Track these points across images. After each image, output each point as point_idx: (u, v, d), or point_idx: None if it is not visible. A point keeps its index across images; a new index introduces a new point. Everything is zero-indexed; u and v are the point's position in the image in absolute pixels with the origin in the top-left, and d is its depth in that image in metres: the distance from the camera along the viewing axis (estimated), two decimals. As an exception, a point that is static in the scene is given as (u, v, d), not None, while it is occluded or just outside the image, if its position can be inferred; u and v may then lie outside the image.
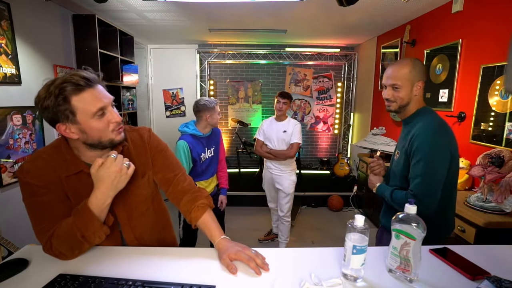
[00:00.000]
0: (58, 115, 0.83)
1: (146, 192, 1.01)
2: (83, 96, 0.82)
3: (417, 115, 1.29)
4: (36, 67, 2.32)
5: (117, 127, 0.89)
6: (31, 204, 0.87)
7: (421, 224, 0.80)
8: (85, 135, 0.85)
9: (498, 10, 1.96)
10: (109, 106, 0.87)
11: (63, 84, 0.81)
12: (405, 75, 1.26)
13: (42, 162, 0.88)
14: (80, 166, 0.90)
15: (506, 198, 1.60)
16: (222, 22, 3.21)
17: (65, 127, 0.84)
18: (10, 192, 2.08)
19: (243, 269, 0.89)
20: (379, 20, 3.05)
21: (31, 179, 0.85)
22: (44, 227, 0.86)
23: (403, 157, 1.26)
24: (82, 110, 0.82)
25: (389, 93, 1.29)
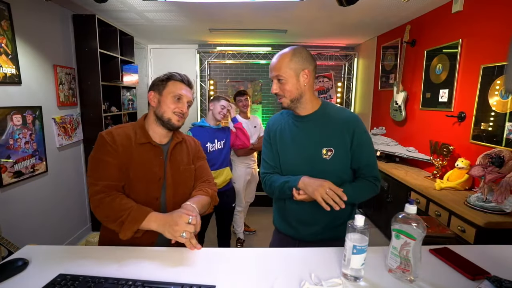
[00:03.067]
0: (156, 85, 1.15)
1: (189, 177, 1.24)
2: (176, 84, 1.15)
3: (326, 111, 1.20)
4: (36, 67, 2.32)
5: (178, 113, 1.13)
6: (97, 159, 1.06)
7: (421, 224, 0.80)
8: (159, 105, 1.13)
9: (498, 10, 1.96)
10: (185, 100, 1.15)
11: (174, 73, 1.17)
12: (287, 65, 1.13)
13: (122, 132, 1.12)
14: (148, 138, 1.14)
15: (506, 198, 1.60)
16: (222, 22, 3.21)
17: (152, 95, 1.15)
18: (10, 192, 2.08)
19: (243, 269, 0.89)
20: (379, 20, 3.05)
21: (109, 139, 1.07)
22: (96, 180, 1.04)
23: (340, 152, 1.15)
24: (169, 89, 1.13)
25: (276, 87, 1.17)
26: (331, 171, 1.16)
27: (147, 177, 1.11)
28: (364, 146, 1.18)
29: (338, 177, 1.16)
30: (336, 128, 1.17)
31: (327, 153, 1.17)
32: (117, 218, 0.98)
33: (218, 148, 2.18)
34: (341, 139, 1.16)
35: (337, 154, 1.16)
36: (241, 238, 2.91)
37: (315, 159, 1.17)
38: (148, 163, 1.11)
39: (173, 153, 1.19)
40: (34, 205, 2.31)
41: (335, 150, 1.16)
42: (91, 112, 2.88)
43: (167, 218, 0.98)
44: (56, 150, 2.56)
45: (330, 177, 1.11)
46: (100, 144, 1.08)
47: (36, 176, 2.31)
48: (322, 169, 1.16)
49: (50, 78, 2.48)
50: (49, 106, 2.47)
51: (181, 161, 1.22)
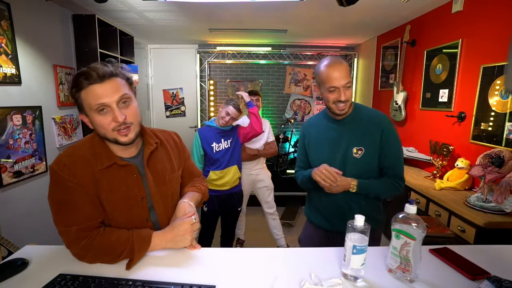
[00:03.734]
0: (76, 104, 0.87)
1: (177, 185, 1.09)
2: (89, 90, 0.83)
3: (359, 111, 1.30)
4: (36, 67, 2.32)
5: (118, 127, 0.86)
6: (59, 200, 0.87)
7: (421, 224, 0.80)
8: (95, 128, 0.89)
9: (498, 10, 1.96)
10: (113, 104, 0.84)
11: (78, 76, 0.84)
12: (349, 71, 1.24)
13: (79, 157, 0.89)
14: (113, 159, 0.91)
15: (506, 198, 1.60)
16: (222, 22, 3.21)
17: (82, 117, 0.89)
18: (10, 192, 2.08)
19: (243, 269, 0.89)
20: (379, 20, 3.05)
21: (67, 174, 0.85)
22: (67, 227, 0.86)
23: (370, 151, 1.24)
24: (86, 103, 0.85)
25: (348, 94, 1.21)
26: (360, 168, 1.26)
27: (127, 203, 0.93)
28: (392, 145, 1.25)
29: (367, 174, 1.26)
30: (367, 128, 1.25)
31: (357, 152, 1.25)
32: (118, 256, 0.87)
33: (225, 147, 2.17)
34: (371, 138, 1.24)
35: (367, 152, 1.24)
36: (241, 239, 2.91)
37: (347, 158, 1.27)
38: (123, 187, 0.92)
39: (150, 164, 0.98)
40: (34, 205, 2.31)
41: (365, 149, 1.24)
42: (91, 112, 2.88)
43: (171, 233, 0.94)
44: (56, 150, 2.56)
45: (359, 174, 1.25)
46: (56, 182, 0.86)
47: (36, 176, 2.31)
48: (353, 167, 1.26)
49: (50, 78, 2.48)
50: (49, 106, 2.47)
51: (165, 170, 1.02)
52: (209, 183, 2.12)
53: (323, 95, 1.26)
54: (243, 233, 2.89)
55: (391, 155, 1.26)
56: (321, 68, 1.24)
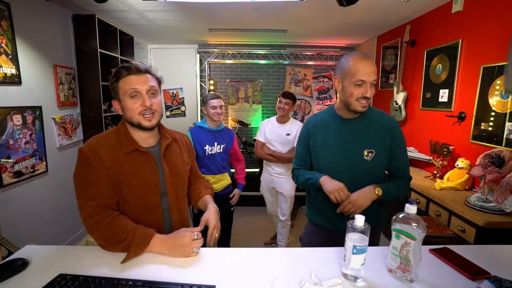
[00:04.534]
0: (113, 92, 1.03)
1: (186, 178, 1.22)
2: (127, 79, 1.00)
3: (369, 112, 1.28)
4: (36, 67, 2.32)
5: (143, 111, 1.00)
6: (83, 178, 0.98)
7: (421, 224, 0.80)
8: (124, 112, 1.03)
9: (498, 10, 1.96)
10: (144, 91, 1.00)
11: (119, 69, 1.02)
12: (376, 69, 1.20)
13: (105, 142, 1.02)
14: (135, 146, 1.03)
15: (506, 198, 1.59)
16: (222, 22, 3.21)
17: (116, 103, 1.04)
18: (10, 192, 2.08)
19: (243, 269, 0.89)
20: (379, 20, 3.05)
21: (93, 156, 0.97)
22: (86, 202, 0.96)
23: (380, 153, 1.24)
24: (122, 89, 1.00)
25: (373, 92, 1.18)
26: (370, 172, 1.24)
27: (143, 188, 1.03)
28: (401, 149, 1.27)
29: (376, 176, 1.26)
30: (378, 131, 1.24)
31: (368, 154, 1.23)
32: (118, 243, 0.93)
33: (217, 151, 2.13)
34: (382, 141, 1.23)
35: (377, 155, 1.23)
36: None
37: (357, 160, 1.24)
38: (141, 172, 1.03)
39: (166, 155, 1.11)
40: (34, 205, 2.31)
41: (375, 151, 1.23)
42: (91, 112, 2.89)
43: (172, 240, 0.96)
44: (56, 150, 2.56)
45: (368, 177, 1.24)
46: (83, 161, 0.98)
47: (36, 176, 2.31)
48: (362, 170, 1.24)
49: (50, 78, 2.48)
50: (49, 106, 2.47)
51: (177, 163, 1.15)
52: None
53: (346, 90, 1.18)
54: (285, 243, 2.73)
55: (402, 158, 1.28)
56: (351, 60, 1.16)
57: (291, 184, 2.57)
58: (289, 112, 2.52)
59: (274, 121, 2.60)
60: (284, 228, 2.69)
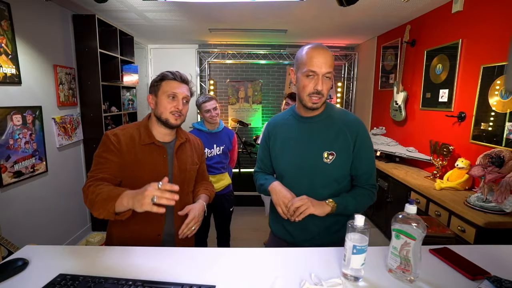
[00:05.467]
0: (152, 87, 1.19)
1: (194, 176, 1.31)
2: (170, 82, 1.16)
3: (330, 111, 1.17)
4: (36, 67, 2.32)
5: (175, 112, 1.15)
6: (100, 156, 1.12)
7: (421, 224, 0.80)
8: (156, 107, 1.17)
9: (498, 10, 1.96)
10: (180, 97, 1.15)
11: (167, 72, 1.18)
12: (333, 61, 1.08)
13: (126, 131, 1.17)
14: (152, 139, 1.17)
15: (506, 198, 1.60)
16: (222, 22, 3.21)
17: (150, 98, 1.19)
18: (10, 192, 2.08)
19: (243, 268, 0.89)
20: (379, 20, 3.05)
21: (114, 139, 1.12)
22: (95, 174, 1.08)
23: (342, 156, 1.11)
24: (163, 89, 1.15)
25: (326, 86, 1.07)
26: (330, 175, 1.12)
27: (153, 176, 1.09)
28: (366, 152, 1.13)
29: (337, 181, 1.14)
30: (340, 131, 1.12)
31: (328, 156, 1.11)
32: (95, 203, 0.99)
33: (217, 153, 2.12)
34: (344, 142, 1.11)
35: (338, 158, 1.11)
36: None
37: (316, 162, 1.12)
38: (153, 162, 1.15)
39: (178, 152, 1.23)
40: (34, 205, 2.31)
41: (336, 154, 1.11)
42: (91, 112, 2.88)
43: (136, 190, 0.95)
44: (56, 150, 2.56)
45: (329, 182, 1.13)
46: (104, 143, 1.13)
47: (36, 176, 2.31)
48: (321, 173, 1.12)
49: (50, 78, 2.48)
50: (49, 106, 2.47)
51: (187, 161, 1.26)
52: None
53: (298, 83, 1.11)
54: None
55: (365, 162, 1.14)
56: (304, 50, 1.08)
57: None
58: None
59: None
60: None
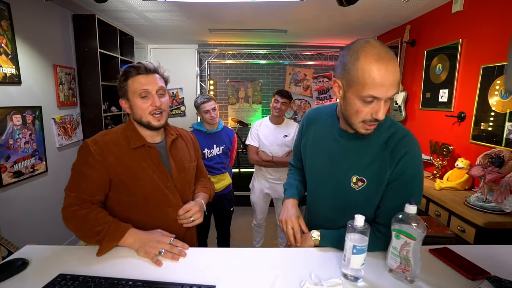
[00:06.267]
0: (121, 91, 1.05)
1: (194, 174, 1.24)
2: (136, 79, 1.02)
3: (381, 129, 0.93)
4: (36, 67, 2.32)
5: (155, 111, 1.02)
6: (76, 169, 1.01)
7: (421, 224, 0.80)
8: (132, 111, 1.05)
9: (498, 10, 1.96)
10: (153, 92, 1.02)
11: (129, 68, 1.03)
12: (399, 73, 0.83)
13: (110, 138, 1.04)
14: (142, 141, 1.06)
15: (506, 198, 1.60)
16: (222, 22, 3.21)
17: (123, 102, 1.06)
18: (10, 192, 2.08)
19: (243, 269, 0.89)
20: (379, 20, 3.05)
21: (95, 149, 0.99)
22: (70, 191, 1.00)
23: (373, 186, 0.92)
24: (131, 89, 1.02)
25: (386, 109, 0.84)
26: (355, 204, 0.95)
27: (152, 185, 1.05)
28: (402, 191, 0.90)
29: (361, 212, 0.86)
30: (378, 154, 0.91)
31: (357, 182, 0.93)
32: (93, 235, 0.93)
33: (217, 153, 2.11)
34: (380, 168, 0.90)
35: (368, 187, 0.92)
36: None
37: (342, 186, 0.96)
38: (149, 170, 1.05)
39: (172, 151, 1.13)
40: (34, 205, 2.31)
41: (367, 181, 0.92)
42: (91, 112, 2.88)
43: (148, 236, 0.95)
44: (56, 150, 2.56)
45: (351, 210, 0.87)
46: (83, 154, 1.00)
47: (36, 176, 2.31)
48: (347, 199, 0.97)
49: (50, 78, 2.48)
50: (49, 106, 2.47)
51: (184, 159, 1.17)
52: None
53: (349, 103, 0.85)
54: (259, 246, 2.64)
55: (394, 200, 0.90)
56: (362, 58, 0.78)
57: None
58: (285, 113, 2.33)
59: (267, 122, 2.37)
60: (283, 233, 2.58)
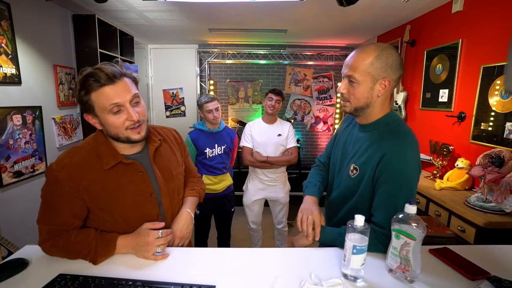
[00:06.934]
0: (83, 106, 0.87)
1: (181, 180, 1.12)
2: (101, 92, 0.84)
3: (384, 125, 0.99)
4: (36, 67, 2.32)
5: (132, 125, 0.88)
6: (47, 198, 0.91)
7: (421, 224, 0.80)
8: (105, 128, 0.89)
9: (498, 10, 1.96)
10: (127, 103, 0.86)
11: (86, 78, 0.84)
12: (366, 67, 0.92)
13: (80, 159, 0.90)
14: (117, 158, 0.92)
15: (506, 198, 1.60)
16: (222, 22, 3.21)
17: (90, 117, 0.89)
18: (10, 192, 2.08)
19: (243, 269, 0.89)
20: (379, 20, 3.05)
21: (62, 175, 0.87)
22: (42, 225, 0.93)
23: (364, 177, 0.98)
24: (98, 105, 0.85)
25: (344, 87, 0.98)
26: (353, 191, 1.03)
27: (137, 200, 0.95)
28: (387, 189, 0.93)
29: (359, 202, 1.02)
30: (371, 144, 0.98)
31: (353, 170, 1.02)
32: (84, 256, 0.89)
33: (218, 153, 2.11)
34: (372, 159, 0.96)
35: (359, 176, 1.00)
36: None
37: (344, 173, 1.07)
38: (131, 185, 0.94)
39: (157, 160, 1.01)
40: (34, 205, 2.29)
41: (359, 169, 1.00)
42: (91, 112, 2.88)
43: (135, 239, 0.91)
44: (56, 150, 2.56)
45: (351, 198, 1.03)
46: (51, 182, 0.89)
47: (36, 176, 2.31)
48: (345, 185, 1.06)
49: (50, 78, 2.48)
50: (49, 106, 2.47)
51: (171, 166, 1.05)
52: None
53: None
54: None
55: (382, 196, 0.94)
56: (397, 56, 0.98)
57: (285, 190, 2.39)
58: (278, 111, 2.31)
59: (260, 122, 2.35)
60: (282, 235, 2.54)
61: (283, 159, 2.28)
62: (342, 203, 1.09)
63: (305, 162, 4.81)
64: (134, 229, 0.95)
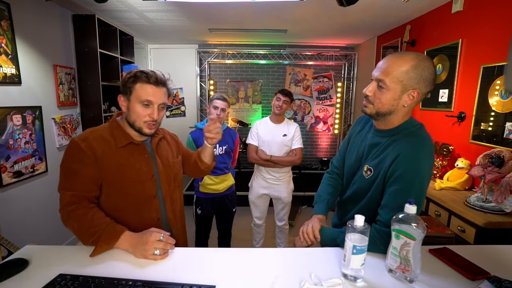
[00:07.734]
0: (124, 88, 1.05)
1: (180, 169, 1.29)
2: (145, 86, 1.03)
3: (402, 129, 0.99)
4: (36, 67, 2.32)
5: (149, 121, 1.05)
6: (67, 167, 1.01)
7: (421, 224, 0.80)
8: (128, 113, 1.06)
9: (498, 10, 1.96)
10: (156, 105, 1.05)
11: (141, 73, 1.04)
12: (399, 74, 0.90)
13: (98, 135, 1.05)
14: (129, 139, 1.08)
15: (506, 198, 1.60)
16: (222, 22, 3.21)
17: (122, 99, 1.07)
18: (10, 192, 2.08)
19: (243, 269, 0.89)
20: (379, 20, 3.05)
21: (85, 146, 1.00)
22: (65, 191, 1.00)
23: (378, 177, 1.00)
24: (136, 94, 1.03)
25: (371, 89, 0.97)
26: (365, 192, 1.04)
27: (140, 178, 1.08)
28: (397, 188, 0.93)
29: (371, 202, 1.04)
30: (386, 148, 0.99)
31: (367, 171, 1.03)
32: (89, 236, 0.95)
33: (219, 153, 2.11)
34: (382, 161, 0.98)
35: (373, 177, 1.01)
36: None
37: (358, 174, 1.08)
38: (136, 164, 1.08)
39: (158, 150, 1.18)
40: (34, 205, 2.31)
41: (373, 171, 1.01)
42: (91, 112, 2.88)
43: (138, 238, 0.95)
44: (56, 150, 2.56)
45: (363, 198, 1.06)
46: (74, 151, 1.01)
47: (36, 176, 2.31)
48: (358, 186, 1.08)
49: (50, 78, 2.48)
50: (49, 106, 2.47)
51: (168, 156, 1.22)
52: (204, 187, 2.12)
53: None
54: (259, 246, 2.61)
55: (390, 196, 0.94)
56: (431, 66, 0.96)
57: (289, 190, 2.39)
58: (285, 112, 2.33)
59: (268, 121, 2.37)
60: (283, 233, 2.55)
61: (287, 159, 2.30)
62: (354, 203, 1.11)
63: (305, 161, 4.81)
64: (133, 205, 1.07)
